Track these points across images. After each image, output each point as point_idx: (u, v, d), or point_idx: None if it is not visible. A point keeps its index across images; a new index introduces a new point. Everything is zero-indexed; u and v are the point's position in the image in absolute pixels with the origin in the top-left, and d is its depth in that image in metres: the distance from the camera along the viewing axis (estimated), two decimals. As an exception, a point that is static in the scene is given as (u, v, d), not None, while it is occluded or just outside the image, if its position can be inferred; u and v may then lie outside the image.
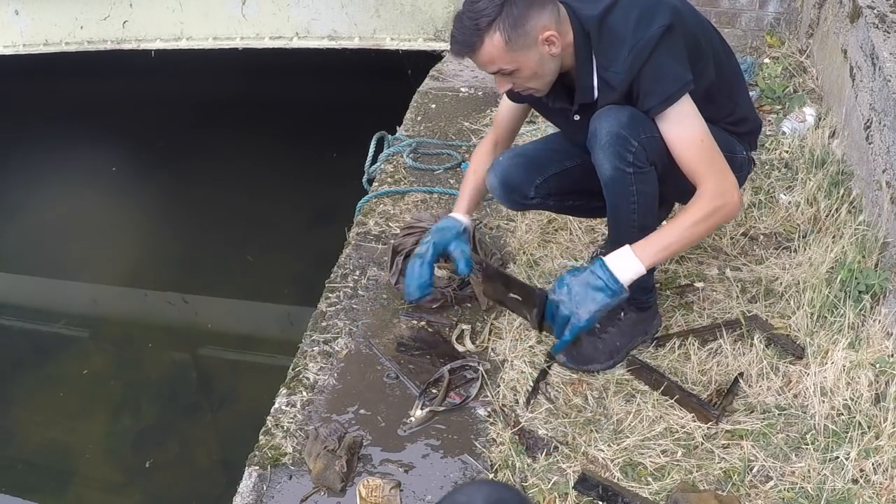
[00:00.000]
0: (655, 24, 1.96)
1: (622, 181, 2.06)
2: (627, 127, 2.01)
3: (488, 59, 2.01)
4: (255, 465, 2.09)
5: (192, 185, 5.04)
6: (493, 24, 1.95)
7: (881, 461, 1.98)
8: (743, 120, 2.29)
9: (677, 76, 1.99)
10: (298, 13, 4.58)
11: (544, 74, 2.06)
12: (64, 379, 3.93)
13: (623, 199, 2.10)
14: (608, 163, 2.05)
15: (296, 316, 3.98)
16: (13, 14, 4.91)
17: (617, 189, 2.09)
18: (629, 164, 2.04)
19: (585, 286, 1.98)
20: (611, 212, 2.17)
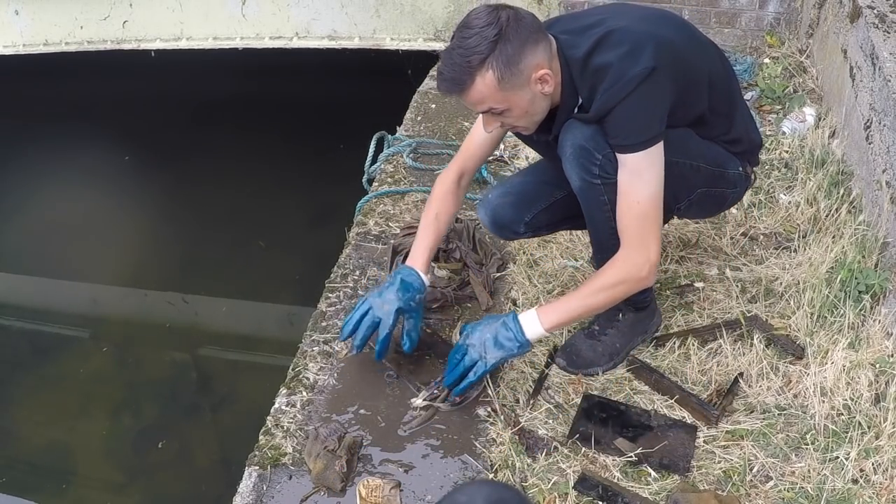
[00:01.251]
0: (640, 64, 1.92)
1: (591, 191, 2.06)
2: (591, 140, 1.99)
3: (478, 98, 1.94)
4: (255, 465, 2.09)
5: (192, 184, 5.03)
6: (485, 61, 1.87)
7: (881, 461, 1.98)
8: (737, 140, 2.26)
9: (644, 127, 1.96)
10: (298, 13, 4.58)
11: (535, 113, 2.02)
12: (64, 379, 3.93)
13: (596, 207, 2.09)
14: (575, 174, 2.05)
15: (296, 316, 3.98)
16: (13, 14, 4.91)
17: (588, 197, 2.08)
18: (595, 175, 2.02)
19: (495, 334, 2.07)
20: (588, 219, 2.17)
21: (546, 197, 2.33)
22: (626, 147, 1.97)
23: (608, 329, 2.34)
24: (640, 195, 2.00)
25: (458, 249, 2.69)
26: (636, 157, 1.97)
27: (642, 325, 2.38)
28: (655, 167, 2.00)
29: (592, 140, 1.99)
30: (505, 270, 2.72)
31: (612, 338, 2.34)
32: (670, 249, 2.78)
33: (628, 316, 2.35)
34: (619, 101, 1.93)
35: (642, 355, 2.37)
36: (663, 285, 2.63)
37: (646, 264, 2.03)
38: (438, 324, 2.54)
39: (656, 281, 2.60)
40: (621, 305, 2.33)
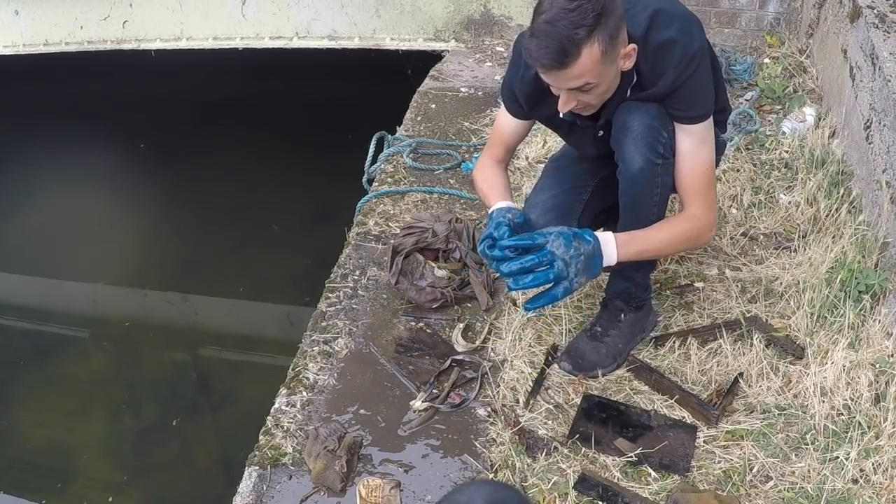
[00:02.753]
0: (696, 40, 1.98)
1: (650, 172, 2.07)
2: (658, 119, 2.04)
3: (580, 72, 1.86)
4: (255, 465, 2.09)
5: (192, 184, 5.04)
6: (592, 34, 1.81)
7: (881, 461, 1.98)
8: (721, 110, 2.29)
9: (708, 97, 2.07)
10: (298, 13, 4.59)
11: (611, 90, 2.00)
12: (64, 379, 3.93)
13: (648, 190, 2.10)
14: (639, 154, 2.05)
15: (296, 316, 3.98)
16: (13, 14, 4.91)
17: (644, 180, 2.08)
18: (659, 154, 2.05)
19: (590, 256, 1.96)
20: (630, 206, 2.14)
21: (578, 203, 2.32)
22: (695, 118, 2.05)
23: (610, 330, 2.35)
24: (708, 160, 2.10)
25: (458, 249, 2.70)
26: (702, 126, 2.06)
27: (641, 324, 2.39)
28: (712, 131, 2.12)
29: (659, 119, 2.03)
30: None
31: (615, 339, 2.34)
32: (670, 249, 2.77)
33: (629, 316, 2.35)
34: (689, 75, 1.98)
35: (642, 355, 2.37)
36: (663, 285, 2.63)
37: (712, 227, 2.13)
38: (438, 324, 2.54)
39: (656, 281, 2.61)
40: (623, 306, 2.34)
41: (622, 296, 2.35)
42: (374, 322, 2.56)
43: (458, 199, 3.13)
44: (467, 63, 4.20)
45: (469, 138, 3.56)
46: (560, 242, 1.92)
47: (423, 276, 2.60)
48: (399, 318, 2.57)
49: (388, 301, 2.64)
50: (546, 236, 1.94)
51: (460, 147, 3.48)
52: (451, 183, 3.24)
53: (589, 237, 1.96)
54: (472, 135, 3.59)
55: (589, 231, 1.99)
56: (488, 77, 4.04)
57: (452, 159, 3.38)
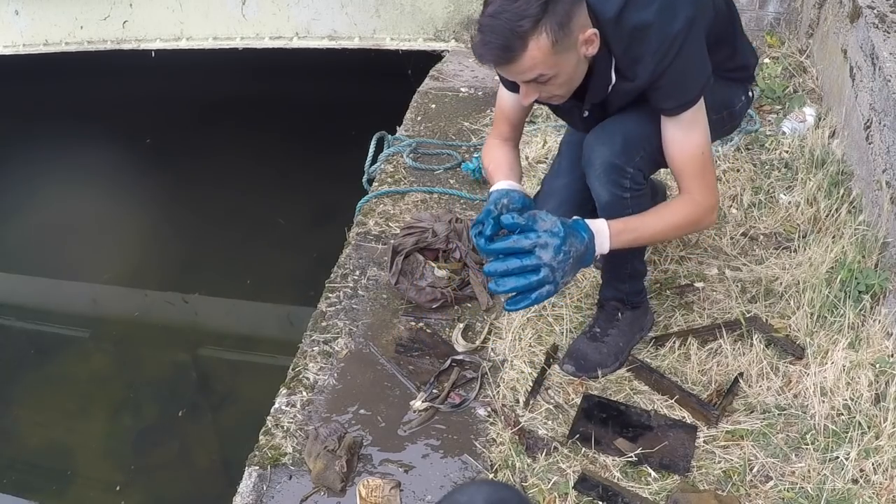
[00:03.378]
0: (679, 18, 1.83)
1: (619, 205, 2.04)
2: (621, 155, 1.99)
3: (530, 65, 1.78)
4: (255, 465, 2.09)
5: (192, 184, 5.04)
6: (538, 24, 1.72)
7: (881, 461, 1.98)
8: (743, 67, 2.21)
9: (699, 76, 1.93)
10: (298, 13, 4.59)
11: (576, 78, 1.90)
12: (64, 379, 3.93)
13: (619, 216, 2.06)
14: (604, 190, 2.03)
15: (296, 316, 3.98)
16: (13, 14, 4.91)
17: (613, 211, 2.03)
18: (625, 189, 2.02)
19: (579, 261, 1.85)
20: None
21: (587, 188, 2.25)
22: (681, 106, 1.93)
23: (610, 330, 2.35)
24: (700, 142, 1.98)
25: (458, 249, 2.70)
26: (690, 111, 1.94)
27: (639, 323, 2.40)
28: (703, 111, 1.97)
29: (623, 155, 1.99)
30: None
31: (615, 338, 2.34)
32: (670, 249, 2.78)
33: (626, 315, 2.36)
34: (670, 62, 1.85)
35: (642, 355, 2.37)
36: (663, 285, 2.63)
37: (714, 209, 2.02)
38: (438, 324, 2.54)
39: (656, 281, 2.61)
40: (619, 305, 2.34)
41: (616, 298, 2.37)
42: (374, 322, 2.56)
43: (458, 199, 3.13)
44: (467, 63, 4.20)
45: (469, 138, 3.56)
46: (550, 245, 1.79)
47: (423, 276, 2.60)
48: (399, 318, 2.57)
49: (388, 301, 2.64)
50: (535, 237, 1.80)
51: (460, 147, 3.48)
52: (451, 183, 3.24)
53: (584, 233, 1.86)
54: (472, 135, 3.59)
55: (584, 225, 1.87)
56: (488, 77, 4.04)
57: (452, 159, 3.38)
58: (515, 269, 1.82)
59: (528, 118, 2.64)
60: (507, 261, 1.82)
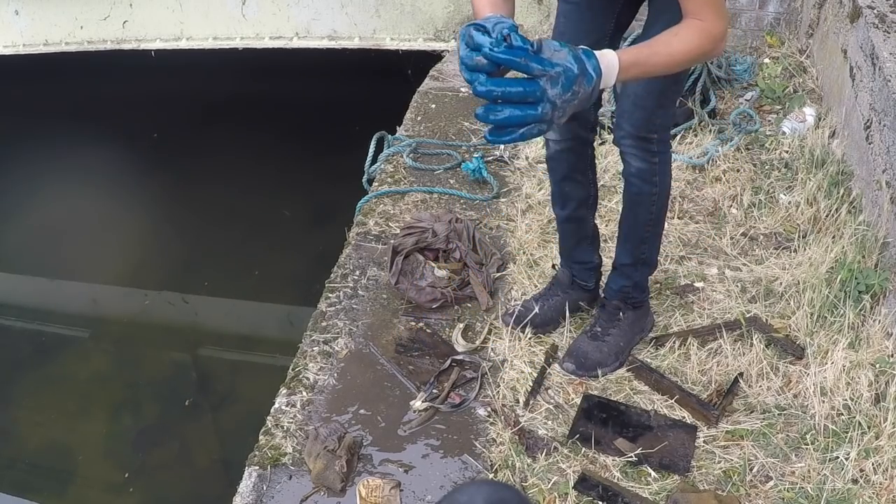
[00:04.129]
0: None
1: (649, 171, 2.19)
2: (644, 127, 2.13)
3: None
4: (255, 465, 2.09)
5: (192, 184, 5.04)
6: None
7: (881, 461, 1.98)
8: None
9: None
10: (298, 13, 4.59)
11: None
12: (64, 379, 3.93)
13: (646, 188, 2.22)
14: (635, 161, 2.19)
15: (296, 316, 3.98)
16: (13, 14, 4.91)
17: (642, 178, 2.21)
18: (654, 153, 2.17)
19: (581, 103, 1.58)
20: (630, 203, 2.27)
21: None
22: None
23: (611, 329, 2.36)
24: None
25: (458, 249, 2.70)
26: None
27: (640, 324, 2.41)
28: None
29: (645, 127, 2.13)
30: (505, 270, 2.72)
31: (616, 337, 2.35)
32: (670, 249, 2.78)
33: (628, 314, 2.36)
34: None
35: (642, 355, 2.37)
36: (663, 285, 2.63)
37: (723, 37, 1.85)
38: (438, 324, 2.54)
39: (656, 281, 2.61)
40: (621, 305, 2.34)
41: (619, 295, 2.37)
42: (374, 322, 2.56)
43: (458, 199, 3.13)
44: (467, 63, 4.19)
45: (469, 138, 3.56)
46: (559, 81, 1.52)
47: (423, 276, 2.60)
48: (399, 318, 2.57)
49: (388, 301, 2.64)
50: (547, 67, 1.51)
51: (460, 147, 3.48)
52: (451, 183, 3.24)
53: (594, 73, 1.57)
54: (472, 135, 3.59)
55: (595, 63, 1.58)
56: (488, 77, 4.03)
57: (452, 159, 3.38)
58: (515, 97, 1.51)
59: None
60: (508, 84, 1.51)
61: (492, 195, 3.12)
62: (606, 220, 2.92)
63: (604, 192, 3.06)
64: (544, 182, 3.12)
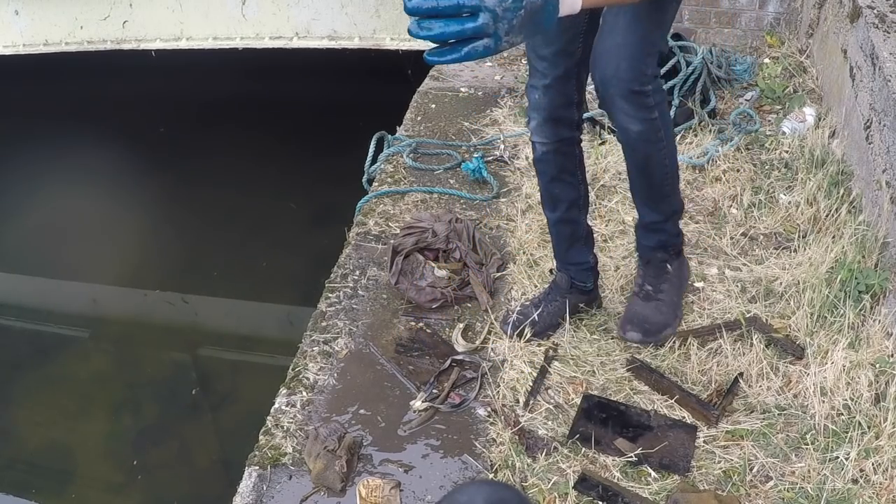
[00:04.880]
0: None
1: (651, 129, 2.03)
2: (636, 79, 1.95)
3: None
4: (255, 465, 2.09)
5: (192, 185, 5.04)
6: None
7: (881, 461, 1.98)
8: None
9: None
10: (298, 13, 4.59)
11: None
12: (64, 379, 3.94)
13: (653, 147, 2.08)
14: (633, 121, 2.01)
15: (296, 316, 3.98)
16: (13, 14, 4.91)
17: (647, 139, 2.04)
18: (651, 107, 2.00)
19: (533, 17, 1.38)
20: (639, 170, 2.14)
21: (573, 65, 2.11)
22: None
23: (662, 285, 2.27)
24: None
25: (458, 249, 2.70)
26: None
27: (684, 272, 2.34)
28: None
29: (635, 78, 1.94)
30: (505, 270, 2.72)
31: (669, 293, 2.27)
32: (670, 249, 2.78)
33: (674, 264, 2.30)
34: None
35: (642, 355, 2.37)
36: (663, 285, 2.63)
37: None
38: (438, 324, 2.54)
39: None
40: (665, 256, 2.32)
41: (660, 247, 2.30)
42: (374, 322, 2.56)
43: (458, 199, 3.13)
44: (467, 63, 4.20)
45: (469, 138, 3.56)
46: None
47: (423, 276, 2.60)
48: (399, 318, 2.57)
49: (388, 301, 2.64)
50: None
51: (460, 147, 3.48)
52: (451, 183, 3.24)
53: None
54: (472, 135, 3.59)
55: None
56: (488, 77, 4.04)
57: (452, 159, 3.38)
58: (448, 9, 1.37)
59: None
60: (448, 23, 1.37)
61: (492, 195, 3.12)
62: (606, 219, 2.92)
63: (604, 192, 3.07)
64: (544, 182, 3.12)
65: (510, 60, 4.20)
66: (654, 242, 2.32)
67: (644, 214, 2.31)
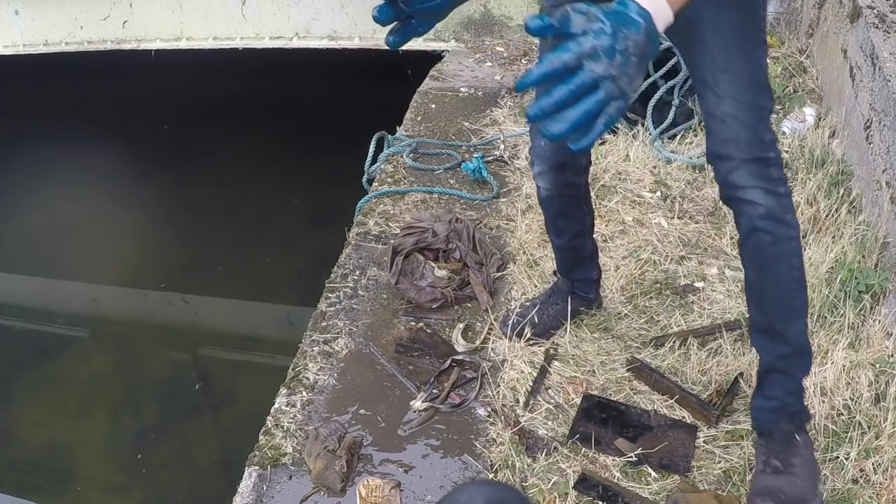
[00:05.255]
0: None
1: (779, 208, 1.69)
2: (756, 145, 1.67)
3: None
4: (255, 465, 2.09)
5: (192, 185, 5.04)
6: None
7: (881, 461, 1.98)
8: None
9: None
10: (298, 13, 4.59)
11: None
12: (64, 379, 3.94)
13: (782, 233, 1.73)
14: (761, 195, 1.68)
15: (296, 316, 3.98)
16: (13, 14, 4.91)
17: (777, 215, 1.70)
18: (777, 181, 1.69)
19: (643, 55, 1.20)
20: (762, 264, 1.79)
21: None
22: None
23: (792, 458, 1.89)
24: None
25: (458, 249, 2.70)
26: None
27: (813, 452, 1.95)
28: None
29: (757, 142, 1.67)
30: (505, 270, 2.72)
31: (802, 468, 1.89)
32: (670, 249, 2.78)
33: (803, 438, 1.92)
34: None
35: (642, 355, 2.37)
36: (663, 285, 2.63)
37: None
38: (438, 324, 2.54)
39: (656, 281, 2.61)
40: (791, 426, 1.92)
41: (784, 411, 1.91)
42: (374, 322, 2.56)
43: (458, 199, 3.13)
44: (467, 63, 4.20)
45: (469, 138, 3.56)
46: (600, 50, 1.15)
47: (423, 276, 2.60)
48: (399, 318, 2.57)
49: (388, 301, 2.64)
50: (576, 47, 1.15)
51: (460, 147, 3.48)
52: (451, 183, 3.24)
53: (636, 15, 1.18)
54: (472, 135, 3.59)
55: (626, 2, 1.19)
56: (488, 77, 4.04)
57: (452, 159, 3.38)
58: (567, 99, 1.18)
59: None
60: (551, 92, 1.17)
61: (492, 195, 3.12)
62: (606, 219, 2.92)
63: (604, 192, 3.07)
64: (544, 182, 3.12)
65: (510, 60, 4.20)
66: (777, 400, 1.90)
67: (766, 347, 1.89)
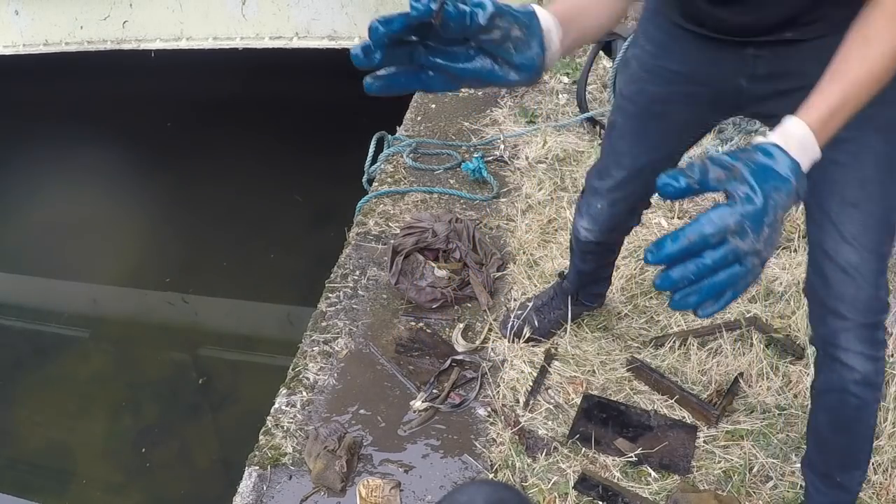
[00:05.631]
0: None
1: (875, 373, 1.55)
2: (873, 308, 1.51)
3: None
4: (255, 465, 2.09)
5: (192, 184, 5.04)
6: None
7: (881, 461, 1.98)
8: None
9: None
10: (298, 13, 4.59)
11: None
12: (64, 379, 3.94)
13: (872, 397, 1.61)
14: (861, 361, 1.54)
15: (296, 316, 3.98)
16: (13, 14, 4.91)
17: (869, 382, 1.56)
18: (880, 343, 1.54)
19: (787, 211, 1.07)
20: (841, 424, 1.66)
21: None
22: None
23: None
24: None
25: (458, 249, 2.70)
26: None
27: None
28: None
29: (876, 304, 1.50)
30: (505, 270, 2.72)
31: None
32: (670, 249, 2.77)
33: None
34: None
35: (642, 355, 2.37)
36: (663, 285, 2.62)
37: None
38: (438, 324, 2.54)
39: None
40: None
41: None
42: (374, 322, 2.56)
43: (458, 199, 3.13)
44: (467, 63, 4.19)
45: (469, 138, 3.56)
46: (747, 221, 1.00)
47: (423, 276, 2.60)
48: (399, 318, 2.57)
49: (388, 301, 2.64)
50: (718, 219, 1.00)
51: (460, 147, 3.48)
52: (451, 183, 3.24)
53: (786, 170, 1.03)
54: (472, 135, 3.59)
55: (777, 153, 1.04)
56: (488, 77, 4.03)
57: (452, 159, 3.38)
58: (707, 273, 1.04)
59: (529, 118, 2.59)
60: (687, 265, 1.04)
61: (492, 195, 3.12)
62: (606, 220, 2.92)
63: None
64: (544, 182, 3.12)
65: (510, 60, 4.20)
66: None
67: (817, 488, 1.78)
